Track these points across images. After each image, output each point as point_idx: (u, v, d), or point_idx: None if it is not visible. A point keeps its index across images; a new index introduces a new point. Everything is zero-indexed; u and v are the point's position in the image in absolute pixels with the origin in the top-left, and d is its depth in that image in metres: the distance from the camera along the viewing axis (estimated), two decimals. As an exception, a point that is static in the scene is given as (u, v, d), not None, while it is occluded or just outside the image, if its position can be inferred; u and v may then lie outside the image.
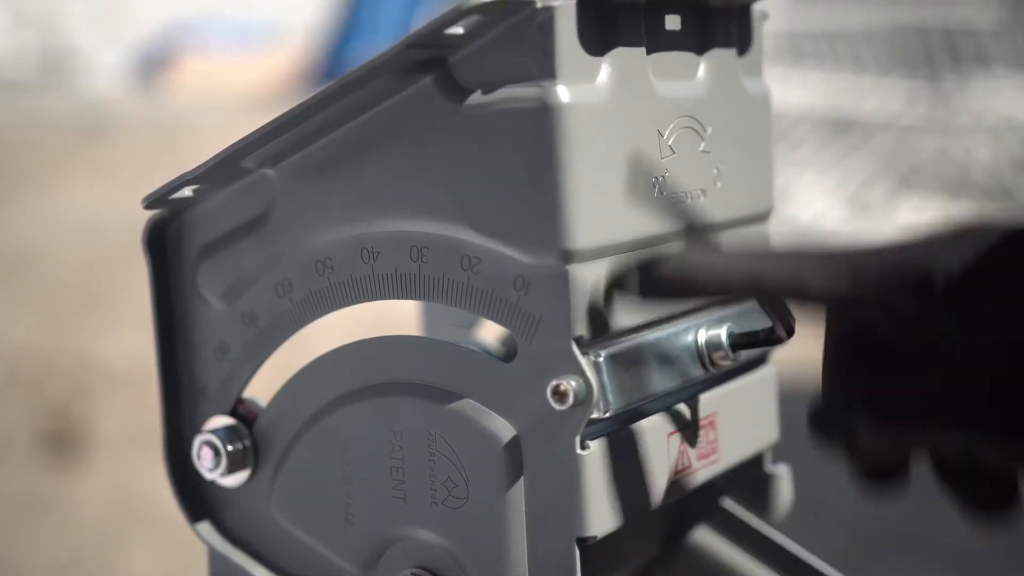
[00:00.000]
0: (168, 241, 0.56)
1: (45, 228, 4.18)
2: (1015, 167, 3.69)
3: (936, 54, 4.02)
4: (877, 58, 4.13)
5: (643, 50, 0.51)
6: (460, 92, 0.49)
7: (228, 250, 0.55)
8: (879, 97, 4.06)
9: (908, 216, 3.51)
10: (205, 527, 0.57)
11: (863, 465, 0.47)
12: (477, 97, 0.49)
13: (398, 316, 0.66)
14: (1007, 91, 3.89)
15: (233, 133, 0.52)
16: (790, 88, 4.18)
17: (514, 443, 0.49)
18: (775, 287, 0.44)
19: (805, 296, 0.43)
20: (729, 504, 0.59)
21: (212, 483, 0.56)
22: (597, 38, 0.49)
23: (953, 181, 3.68)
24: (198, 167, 0.53)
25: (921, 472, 0.46)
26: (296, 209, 0.53)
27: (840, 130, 4.01)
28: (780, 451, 0.62)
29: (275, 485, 0.55)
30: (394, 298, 0.51)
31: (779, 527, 0.59)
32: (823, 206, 3.69)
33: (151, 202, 0.54)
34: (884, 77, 4.09)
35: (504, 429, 0.49)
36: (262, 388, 0.56)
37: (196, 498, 0.57)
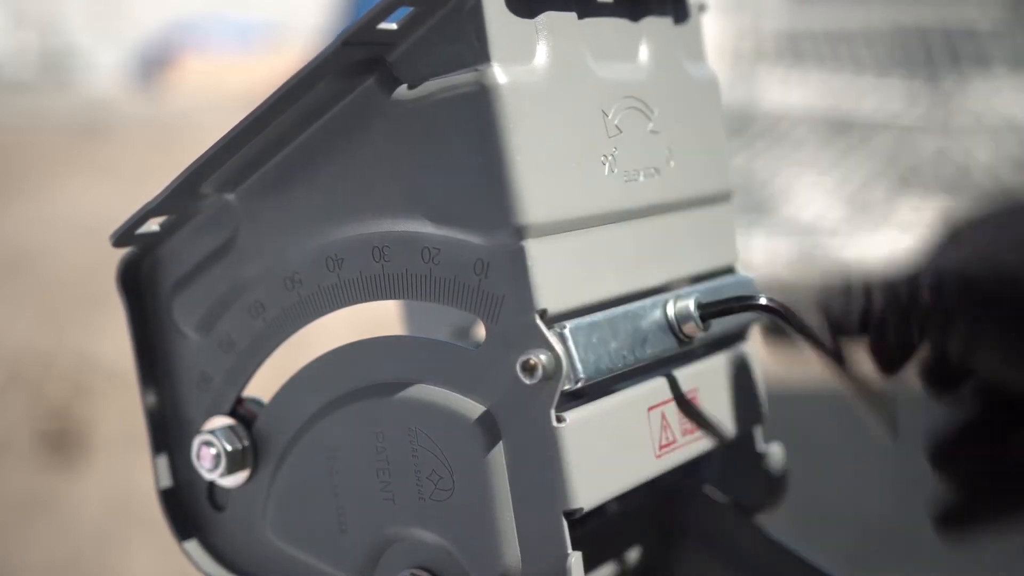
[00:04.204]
0: (142, 279, 0.56)
1: (45, 228, 4.18)
2: (1015, 167, 3.69)
3: (936, 54, 4.03)
4: (877, 58, 4.13)
5: (578, 29, 0.52)
6: (402, 89, 0.50)
7: (200, 280, 0.55)
8: (879, 97, 4.07)
9: (908, 216, 3.51)
10: (195, 548, 0.57)
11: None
12: (417, 91, 0.49)
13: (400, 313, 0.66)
14: (1007, 91, 3.90)
15: (233, 134, 0.52)
16: (790, 88, 4.18)
17: (492, 425, 0.49)
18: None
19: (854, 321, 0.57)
20: (713, 492, 0.59)
21: (206, 512, 0.57)
22: (528, 18, 0.50)
23: (953, 181, 3.68)
24: (156, 196, 0.53)
25: (919, 474, 0.47)
26: (260, 230, 0.54)
27: (840, 130, 4.01)
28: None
29: (268, 504, 0.55)
30: (364, 301, 0.52)
31: (774, 516, 0.60)
32: (823, 206, 3.69)
33: (118, 239, 0.54)
34: (884, 77, 4.10)
35: (481, 413, 0.50)
36: (263, 388, 0.56)
37: (189, 526, 0.57)
